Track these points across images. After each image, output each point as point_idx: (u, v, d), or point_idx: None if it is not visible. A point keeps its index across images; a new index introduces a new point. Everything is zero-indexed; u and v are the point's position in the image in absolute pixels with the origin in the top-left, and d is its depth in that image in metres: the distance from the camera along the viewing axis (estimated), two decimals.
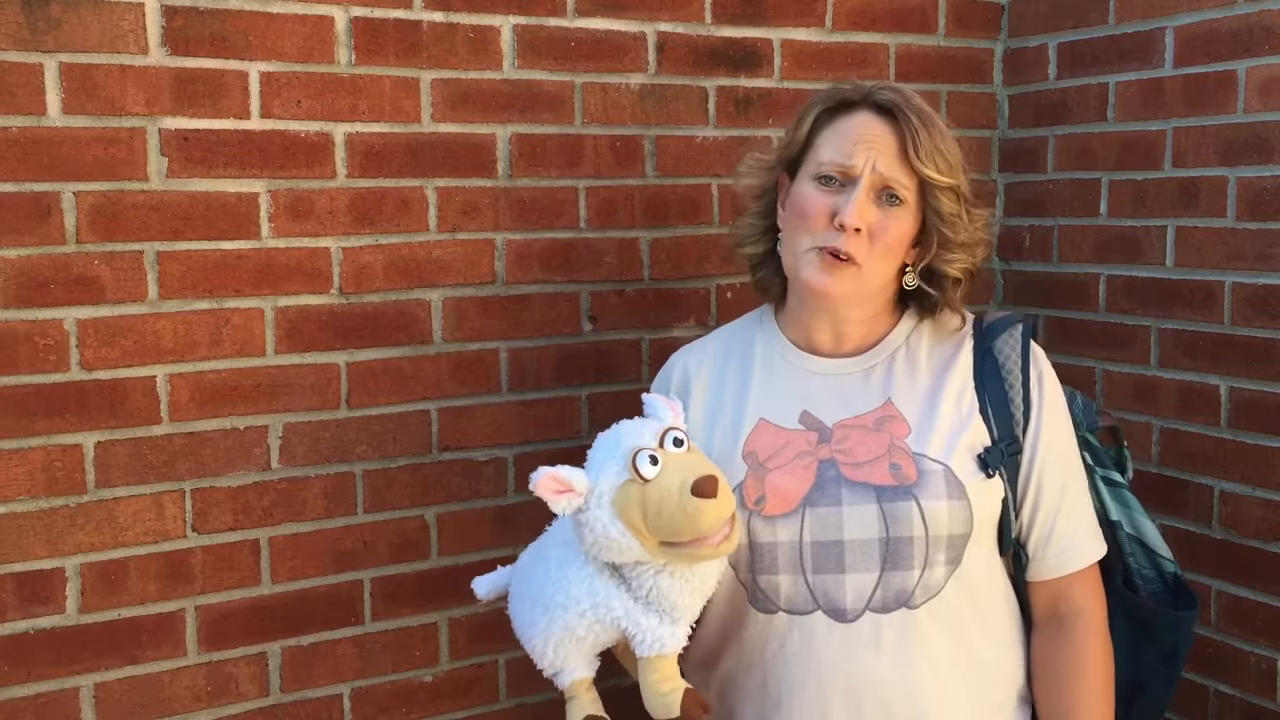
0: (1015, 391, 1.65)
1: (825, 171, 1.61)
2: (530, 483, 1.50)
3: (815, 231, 1.60)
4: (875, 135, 1.60)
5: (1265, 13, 2.11)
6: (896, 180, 1.59)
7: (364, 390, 2.04)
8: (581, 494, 1.51)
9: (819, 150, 1.63)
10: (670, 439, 1.52)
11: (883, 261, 1.61)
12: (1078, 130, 2.46)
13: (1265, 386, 2.14)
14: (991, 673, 1.66)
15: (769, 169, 1.73)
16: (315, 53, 1.95)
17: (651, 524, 1.48)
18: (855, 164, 1.59)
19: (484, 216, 2.10)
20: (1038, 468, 1.65)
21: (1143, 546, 1.80)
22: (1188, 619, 1.79)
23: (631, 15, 2.19)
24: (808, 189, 1.62)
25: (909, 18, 2.47)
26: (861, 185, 1.58)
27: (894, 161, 1.59)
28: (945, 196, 1.61)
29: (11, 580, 1.81)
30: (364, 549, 2.06)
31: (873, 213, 1.58)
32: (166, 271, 1.88)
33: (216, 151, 1.89)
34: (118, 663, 1.89)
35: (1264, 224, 2.13)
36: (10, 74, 1.75)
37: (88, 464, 1.84)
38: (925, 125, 1.59)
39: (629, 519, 1.49)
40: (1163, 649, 1.79)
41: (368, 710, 2.09)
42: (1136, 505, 1.82)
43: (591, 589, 1.55)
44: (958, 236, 1.63)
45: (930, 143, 1.59)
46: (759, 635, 1.63)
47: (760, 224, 1.73)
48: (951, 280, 1.67)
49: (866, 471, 1.59)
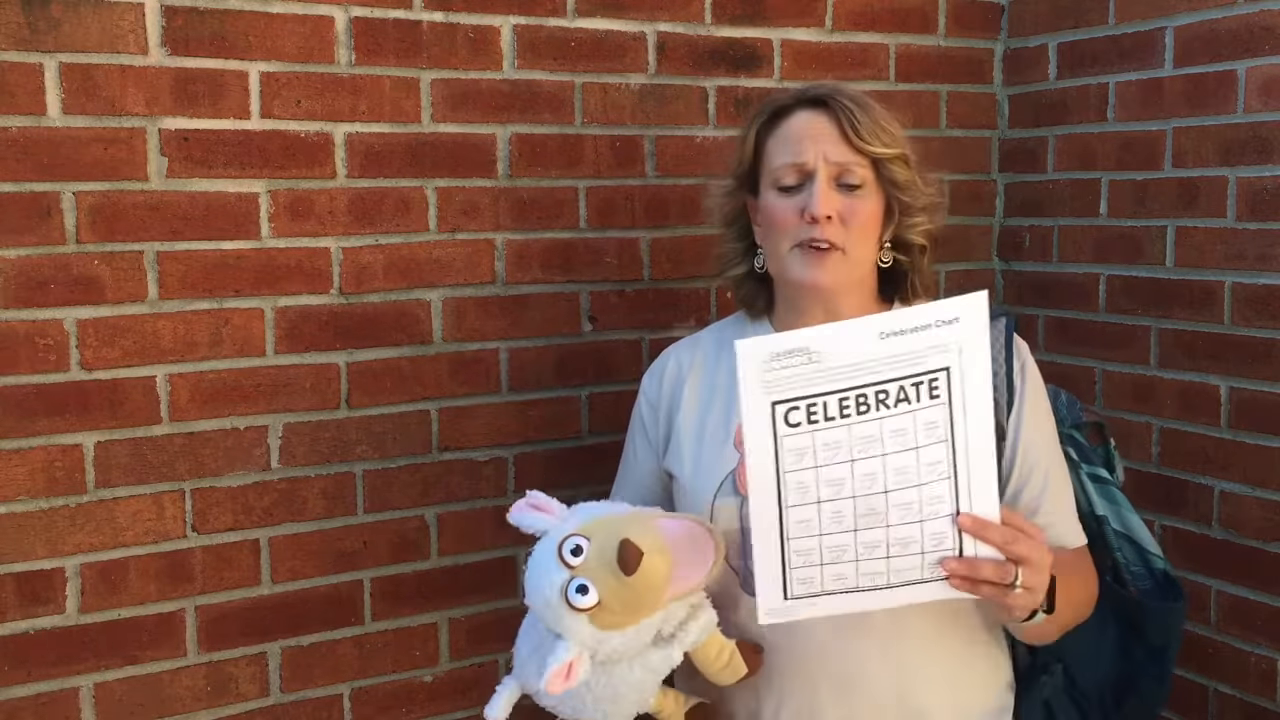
0: (1000, 379, 1.67)
1: (783, 179, 1.67)
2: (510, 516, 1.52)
3: (790, 232, 1.65)
4: (817, 128, 1.66)
5: (1265, 13, 2.11)
6: (849, 163, 1.65)
7: (364, 390, 2.04)
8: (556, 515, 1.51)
9: (770, 159, 1.69)
10: (568, 550, 1.44)
11: (861, 242, 1.66)
12: (1078, 130, 2.46)
13: (1265, 386, 2.14)
14: (978, 656, 1.67)
15: (731, 193, 1.78)
16: (315, 53, 1.95)
17: (630, 605, 1.44)
18: (807, 159, 1.64)
19: (484, 216, 2.10)
20: (1020, 454, 1.66)
21: (1131, 543, 1.83)
22: (1176, 610, 1.80)
23: (631, 15, 2.19)
24: (773, 199, 1.68)
25: (909, 18, 2.47)
26: (820, 176, 1.63)
27: (842, 147, 1.64)
28: (896, 166, 1.67)
29: (11, 580, 1.81)
30: (364, 549, 2.06)
31: (838, 199, 1.64)
32: (166, 271, 1.88)
33: (216, 151, 1.89)
34: (118, 663, 1.89)
35: (1264, 224, 2.13)
36: (10, 74, 1.75)
37: (88, 464, 1.84)
38: (859, 106, 1.66)
39: (620, 626, 1.45)
40: (1152, 645, 1.80)
41: (368, 710, 2.09)
42: (1125, 502, 1.83)
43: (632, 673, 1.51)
44: (916, 201, 1.70)
45: (869, 121, 1.65)
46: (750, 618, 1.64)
47: (739, 246, 1.79)
48: (918, 248, 1.73)
49: None
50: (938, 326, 1.35)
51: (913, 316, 1.37)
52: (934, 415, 1.36)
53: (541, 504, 1.53)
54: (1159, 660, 1.81)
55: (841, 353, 1.36)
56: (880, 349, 1.36)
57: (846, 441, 1.37)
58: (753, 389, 1.37)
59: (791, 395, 1.37)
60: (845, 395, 1.37)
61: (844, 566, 1.39)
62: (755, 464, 1.39)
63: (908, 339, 1.35)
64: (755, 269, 1.76)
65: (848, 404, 1.37)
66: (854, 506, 1.37)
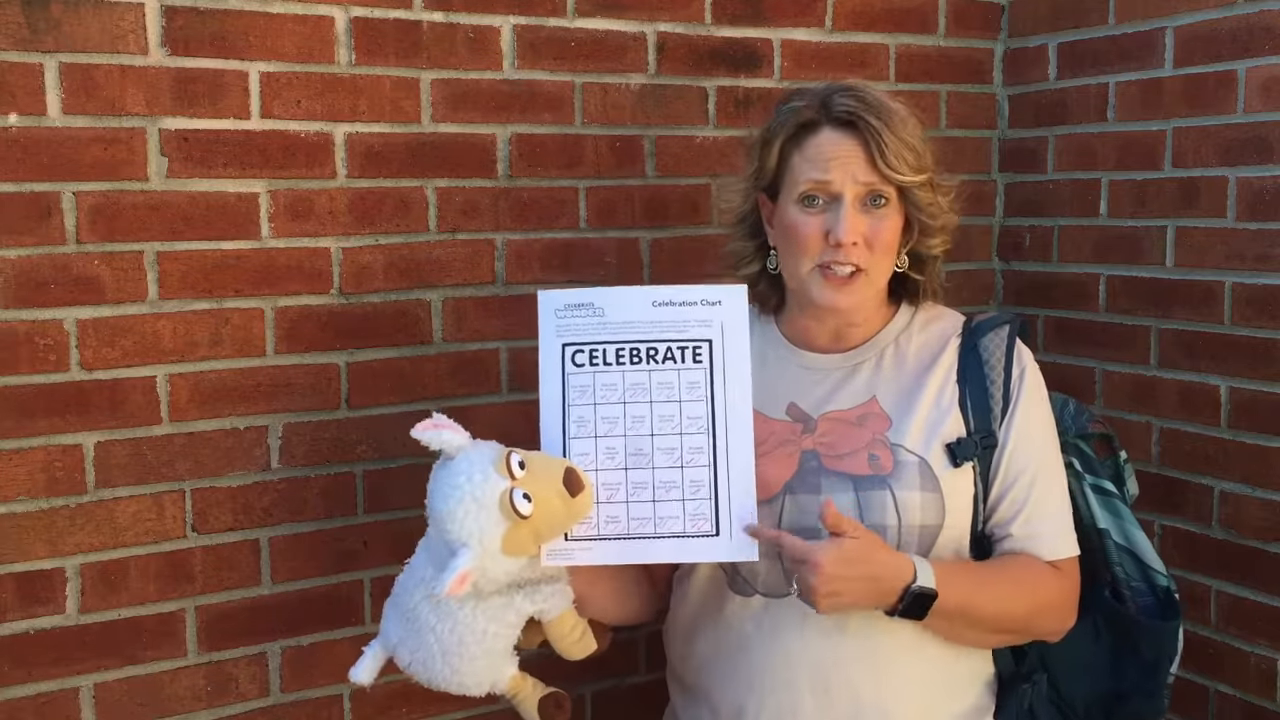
0: (996, 387, 1.68)
1: (808, 192, 1.67)
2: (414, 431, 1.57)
3: (813, 253, 1.66)
4: (845, 151, 1.65)
5: (1265, 13, 2.11)
6: (876, 185, 1.65)
7: (364, 390, 2.04)
8: (459, 432, 1.58)
9: (795, 173, 1.69)
10: (515, 462, 1.55)
11: (883, 261, 1.68)
12: (1078, 130, 2.46)
13: (1265, 386, 2.14)
14: (959, 658, 1.67)
15: (746, 195, 1.78)
16: (315, 53, 1.95)
17: (550, 529, 1.56)
18: (833, 180, 1.65)
19: (484, 216, 2.10)
20: (1005, 461, 1.67)
21: (1133, 557, 1.81)
22: (1170, 629, 1.78)
23: (631, 15, 2.19)
24: (795, 214, 1.68)
25: (909, 18, 2.47)
26: (847, 200, 1.64)
27: (868, 169, 1.65)
28: (920, 190, 1.68)
29: (11, 580, 1.81)
30: (364, 549, 2.06)
31: (864, 223, 1.65)
32: (166, 271, 1.88)
33: (216, 151, 1.89)
34: (118, 663, 1.89)
35: (1264, 224, 2.13)
36: (10, 74, 1.75)
37: (88, 464, 1.84)
38: (886, 125, 1.64)
39: (523, 552, 1.55)
40: (1144, 661, 1.78)
41: (368, 710, 2.09)
42: (1129, 516, 1.82)
43: (484, 616, 1.60)
44: (936, 222, 1.72)
45: (896, 143, 1.64)
46: (735, 617, 1.67)
47: (750, 244, 1.80)
48: (931, 259, 1.76)
49: (846, 462, 1.65)
50: (703, 305, 1.63)
51: (682, 293, 1.63)
52: (695, 377, 1.62)
53: (448, 425, 1.58)
54: (1151, 676, 1.78)
55: (621, 311, 1.64)
56: (653, 314, 1.63)
57: (620, 386, 1.63)
58: (548, 331, 1.65)
59: (578, 340, 1.64)
60: (621, 346, 1.63)
61: (616, 507, 1.61)
62: (546, 396, 1.64)
63: (676, 309, 1.63)
64: (768, 269, 1.77)
65: (623, 354, 1.63)
66: (625, 445, 1.62)
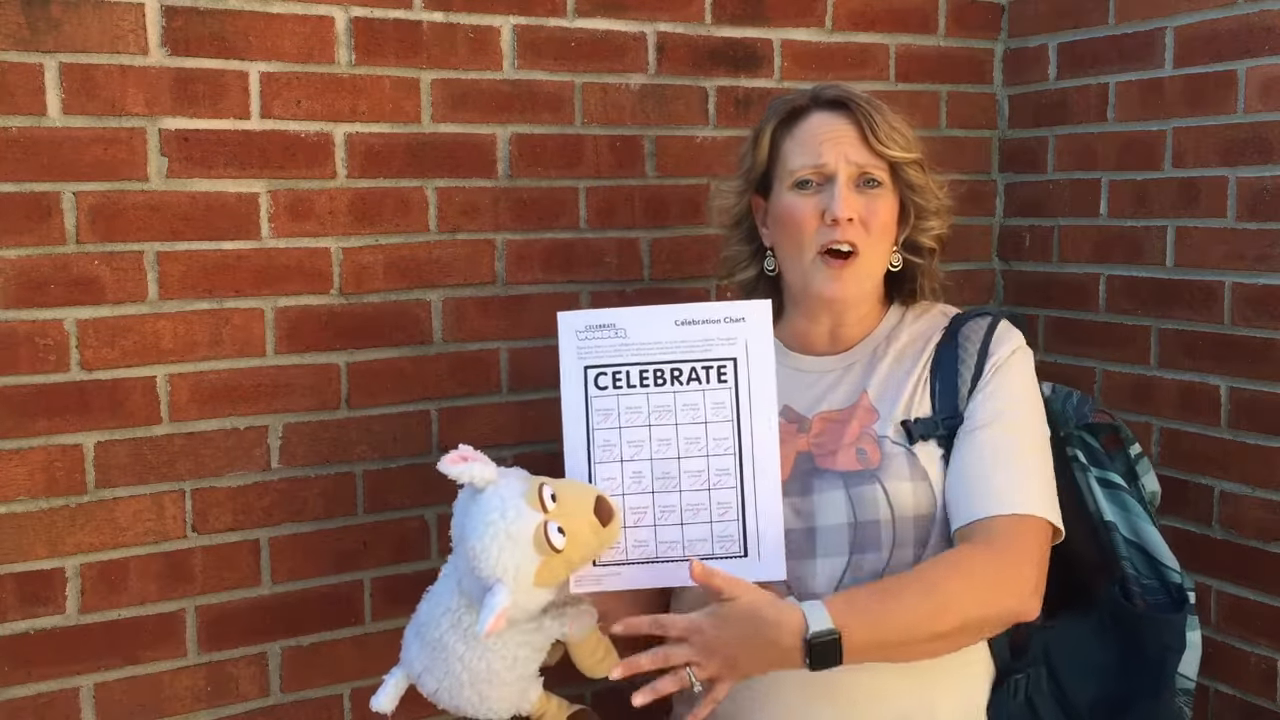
0: (968, 369, 1.69)
1: (802, 176, 1.68)
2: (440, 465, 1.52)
3: (812, 235, 1.66)
4: (836, 130, 1.68)
5: (1265, 13, 2.11)
6: (870, 164, 1.67)
7: (364, 390, 2.03)
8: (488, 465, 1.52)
9: (787, 160, 1.70)
10: (548, 495, 1.49)
11: (879, 244, 1.69)
12: (1078, 130, 2.46)
13: (1265, 386, 2.14)
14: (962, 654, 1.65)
15: (740, 193, 1.79)
16: (315, 53, 1.95)
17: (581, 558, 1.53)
18: (827, 161, 1.66)
19: (484, 216, 2.10)
20: (964, 427, 1.64)
21: (1143, 553, 1.80)
22: (1173, 622, 1.77)
23: (631, 15, 2.19)
24: (790, 199, 1.69)
25: (909, 18, 2.47)
26: (841, 178, 1.66)
27: (861, 149, 1.67)
28: (912, 170, 1.70)
29: (11, 580, 1.81)
30: (364, 549, 2.06)
31: (859, 201, 1.66)
32: (166, 271, 1.88)
33: (216, 151, 1.89)
34: (118, 663, 1.88)
35: (1264, 224, 2.13)
36: (10, 74, 1.75)
37: (88, 464, 1.84)
38: (876, 110, 1.69)
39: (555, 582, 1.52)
40: (1149, 658, 1.76)
41: (368, 710, 2.08)
42: (1139, 510, 1.80)
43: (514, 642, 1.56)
44: (930, 204, 1.74)
45: (886, 124, 1.68)
46: None
47: (746, 249, 1.80)
48: (928, 250, 1.77)
49: (837, 459, 1.66)
50: (726, 322, 1.58)
51: (705, 310, 1.58)
52: (721, 397, 1.58)
53: (476, 457, 1.54)
54: (1155, 674, 1.76)
55: (644, 332, 1.59)
56: (676, 334, 1.58)
57: (645, 408, 1.58)
58: (569, 354, 1.59)
59: (600, 362, 1.59)
60: (645, 368, 1.58)
61: (643, 531, 1.58)
62: (570, 420, 1.59)
63: (700, 328, 1.58)
64: (766, 272, 1.77)
65: (647, 375, 1.58)
66: (651, 469, 1.58)
